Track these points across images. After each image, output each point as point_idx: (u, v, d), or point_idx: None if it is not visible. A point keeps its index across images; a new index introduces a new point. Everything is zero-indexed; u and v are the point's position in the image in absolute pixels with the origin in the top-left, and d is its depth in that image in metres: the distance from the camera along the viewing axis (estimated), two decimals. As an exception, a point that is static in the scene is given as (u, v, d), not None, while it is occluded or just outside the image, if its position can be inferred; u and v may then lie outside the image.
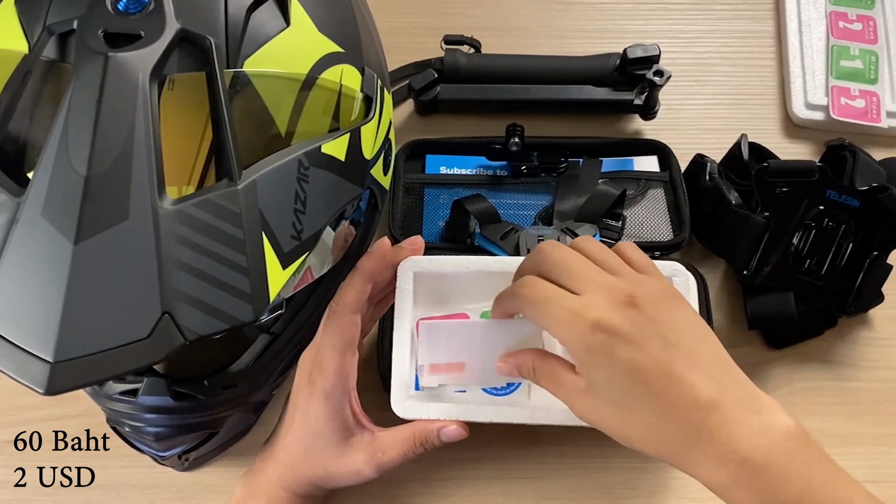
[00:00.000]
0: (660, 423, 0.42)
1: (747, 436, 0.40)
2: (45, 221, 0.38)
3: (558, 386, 0.46)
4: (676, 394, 0.41)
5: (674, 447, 0.42)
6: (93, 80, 0.40)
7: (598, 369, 0.43)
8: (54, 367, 0.37)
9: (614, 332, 0.42)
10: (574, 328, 0.43)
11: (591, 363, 0.43)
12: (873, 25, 0.79)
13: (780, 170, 0.63)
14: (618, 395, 0.43)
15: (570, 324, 0.43)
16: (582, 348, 0.43)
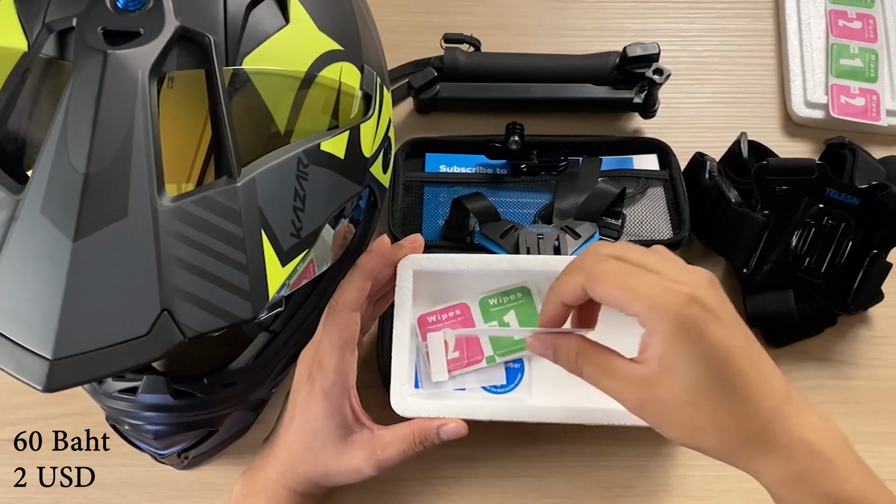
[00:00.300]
0: (738, 411, 0.40)
1: (815, 428, 0.40)
2: (44, 219, 0.38)
3: (611, 376, 0.43)
4: (757, 380, 0.40)
5: (744, 439, 0.40)
6: (92, 77, 0.40)
7: (688, 348, 0.40)
8: (53, 364, 0.37)
9: (708, 308, 0.40)
10: (666, 299, 0.40)
11: (682, 341, 0.40)
12: (873, 24, 0.79)
13: (779, 168, 0.63)
14: (700, 380, 0.40)
15: (661, 295, 0.40)
16: (673, 323, 0.40)
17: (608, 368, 0.43)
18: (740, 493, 0.61)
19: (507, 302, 0.54)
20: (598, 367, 0.44)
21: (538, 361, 0.54)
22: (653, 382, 0.41)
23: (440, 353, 0.53)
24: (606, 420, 0.52)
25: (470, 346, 0.54)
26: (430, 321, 0.54)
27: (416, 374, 0.54)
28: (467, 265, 0.54)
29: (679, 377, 0.40)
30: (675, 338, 0.40)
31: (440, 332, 0.54)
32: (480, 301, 0.54)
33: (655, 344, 0.41)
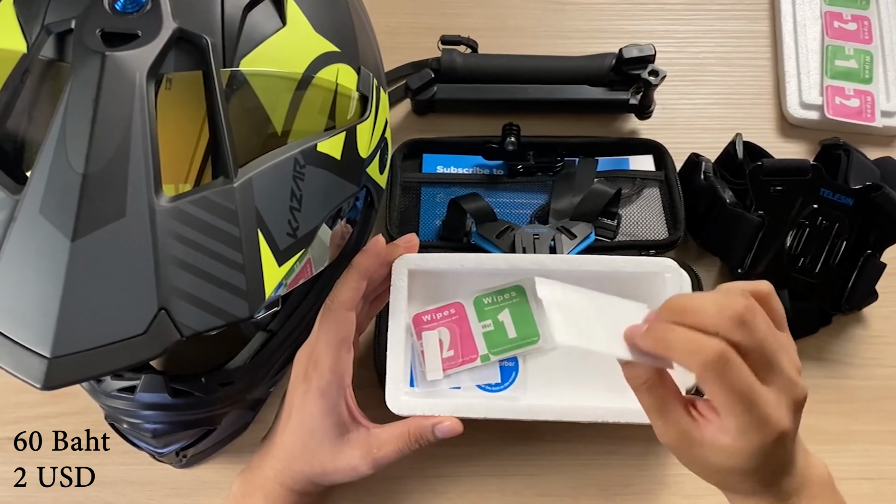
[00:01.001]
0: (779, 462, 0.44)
1: (816, 464, 0.46)
2: (42, 219, 0.39)
3: (663, 416, 0.44)
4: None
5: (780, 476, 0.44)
6: (90, 79, 0.40)
7: (756, 456, 0.42)
8: (51, 362, 0.38)
9: (791, 436, 0.43)
10: (760, 434, 0.41)
11: (755, 453, 0.42)
12: (868, 25, 0.79)
13: (774, 168, 0.64)
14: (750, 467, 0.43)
15: (759, 429, 0.41)
16: (758, 450, 0.42)
17: (668, 407, 0.44)
18: (735, 492, 0.62)
19: (501, 301, 0.55)
20: (660, 406, 0.44)
21: (532, 360, 0.54)
22: (703, 444, 0.43)
23: (435, 352, 0.54)
24: (600, 418, 0.52)
25: (464, 345, 0.54)
26: (425, 320, 0.54)
27: (411, 372, 0.54)
28: (462, 264, 0.54)
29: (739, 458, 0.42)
30: (753, 452, 0.42)
31: (435, 331, 0.54)
32: (475, 300, 0.55)
33: (728, 437, 0.42)
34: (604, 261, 0.54)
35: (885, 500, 0.63)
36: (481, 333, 0.54)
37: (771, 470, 0.43)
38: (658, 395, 0.44)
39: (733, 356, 0.40)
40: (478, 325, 0.54)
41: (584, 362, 0.54)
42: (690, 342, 0.40)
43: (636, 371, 0.44)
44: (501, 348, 0.54)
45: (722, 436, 0.42)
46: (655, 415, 0.44)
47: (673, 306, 0.42)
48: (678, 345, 0.40)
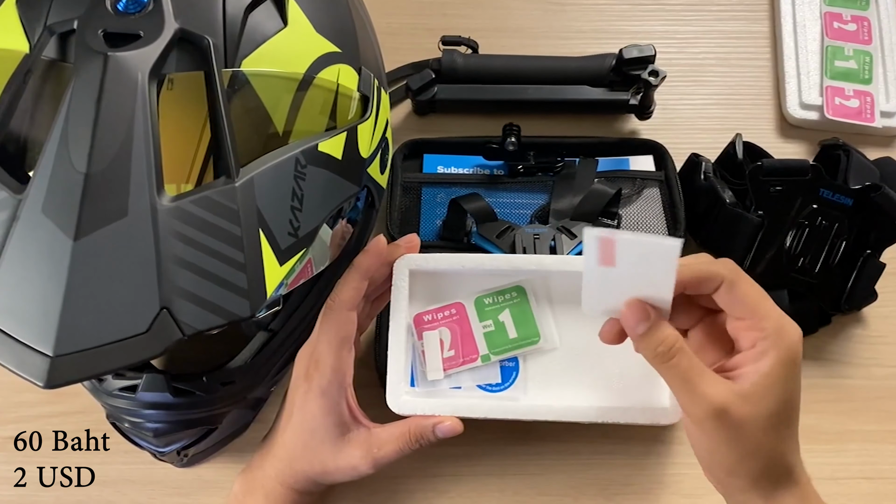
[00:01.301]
0: (787, 449, 0.45)
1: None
2: (45, 218, 0.39)
3: (700, 376, 0.43)
4: (796, 431, 0.46)
5: (779, 474, 0.45)
6: (93, 79, 0.40)
7: (786, 378, 0.43)
8: (54, 360, 0.38)
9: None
10: (790, 329, 0.44)
11: (785, 371, 0.43)
12: (867, 26, 0.80)
13: (773, 169, 0.64)
14: (780, 410, 0.43)
15: (788, 324, 0.44)
16: (788, 352, 0.43)
17: (699, 368, 0.44)
18: (734, 491, 0.62)
19: (502, 301, 0.55)
20: (691, 364, 0.44)
21: (533, 360, 0.55)
22: (742, 398, 0.43)
23: (436, 352, 0.54)
24: (600, 418, 0.52)
25: (465, 345, 0.54)
26: (425, 320, 0.55)
27: (412, 372, 0.54)
28: (463, 265, 0.54)
29: (768, 401, 0.43)
30: (783, 367, 0.43)
31: (436, 331, 0.54)
32: (476, 300, 0.55)
33: (763, 365, 0.43)
34: None
35: (884, 499, 0.63)
36: (482, 333, 0.54)
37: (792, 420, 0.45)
38: (689, 356, 0.44)
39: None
40: (478, 326, 0.55)
41: (584, 363, 0.54)
42: (705, 260, 0.45)
43: (658, 337, 0.44)
44: (502, 348, 0.54)
45: (762, 360, 0.43)
46: (695, 376, 0.44)
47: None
48: (698, 267, 0.45)
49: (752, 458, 0.44)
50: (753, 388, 0.43)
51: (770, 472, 0.44)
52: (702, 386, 0.43)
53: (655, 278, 0.43)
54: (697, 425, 0.44)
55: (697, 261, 0.46)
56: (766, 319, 0.44)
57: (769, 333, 0.43)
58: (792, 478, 0.45)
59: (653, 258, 0.42)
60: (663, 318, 0.45)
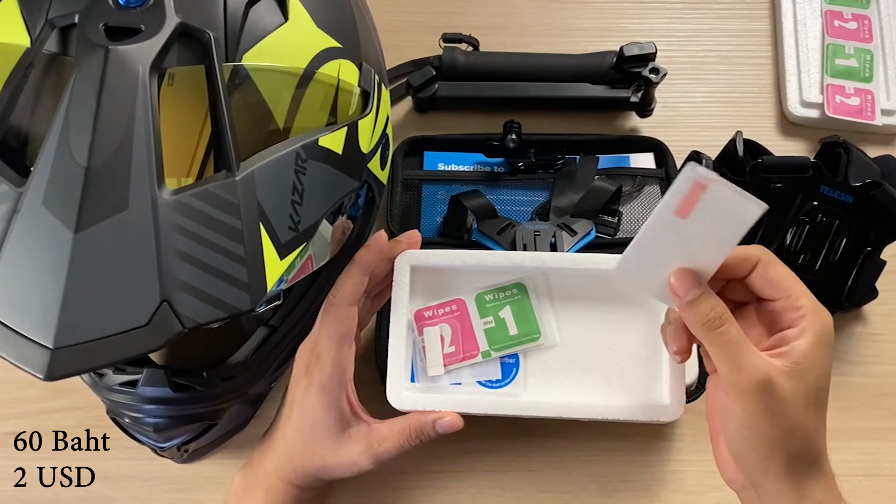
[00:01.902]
0: (816, 433, 0.45)
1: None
2: (46, 211, 0.39)
3: (746, 350, 0.43)
4: (824, 415, 0.46)
5: (809, 460, 0.45)
6: (94, 72, 0.40)
7: (823, 357, 0.44)
8: (54, 353, 0.38)
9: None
10: (826, 313, 0.45)
11: (822, 350, 0.44)
12: (868, 24, 0.80)
13: (774, 166, 0.64)
14: (816, 390, 0.44)
15: (822, 308, 0.45)
16: (825, 330, 0.44)
17: (747, 341, 0.44)
18: (734, 489, 0.62)
19: (502, 298, 0.55)
20: (740, 335, 0.44)
21: (533, 357, 0.54)
22: (785, 374, 0.43)
23: (436, 348, 0.54)
24: (600, 415, 0.52)
25: (466, 341, 0.54)
26: (426, 316, 0.55)
27: (412, 368, 0.54)
28: (464, 261, 0.54)
29: (808, 379, 0.44)
30: (820, 344, 0.44)
31: (437, 327, 0.54)
32: (476, 297, 0.55)
33: (802, 343, 0.44)
34: (606, 259, 0.53)
35: (885, 497, 0.63)
36: (482, 330, 0.54)
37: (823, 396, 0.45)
38: (737, 328, 0.44)
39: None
40: (479, 322, 0.54)
41: (584, 360, 0.54)
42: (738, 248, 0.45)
43: (710, 302, 0.44)
44: (502, 345, 0.54)
45: (802, 338, 0.44)
46: (742, 348, 0.44)
47: None
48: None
49: (792, 437, 0.44)
50: (796, 364, 0.43)
51: (804, 455, 0.45)
52: (750, 356, 0.43)
53: (716, 242, 0.43)
54: (741, 397, 0.44)
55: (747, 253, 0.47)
56: (803, 298, 0.44)
57: (808, 312, 0.44)
58: (820, 467, 0.45)
59: (730, 217, 0.42)
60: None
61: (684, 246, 0.44)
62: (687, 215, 0.43)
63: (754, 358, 0.43)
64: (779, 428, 0.44)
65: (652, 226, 0.44)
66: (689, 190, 0.42)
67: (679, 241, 0.44)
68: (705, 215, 0.42)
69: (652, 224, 0.44)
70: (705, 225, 0.43)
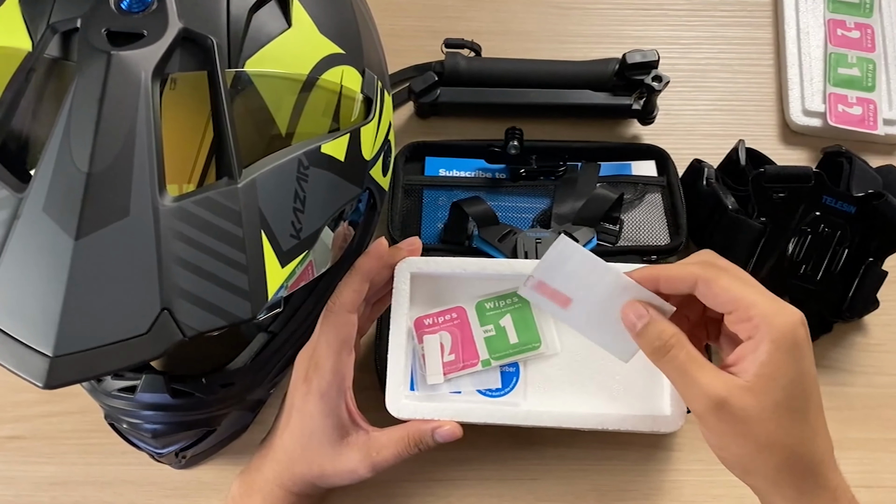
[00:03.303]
0: (806, 441, 0.42)
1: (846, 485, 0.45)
2: (46, 217, 0.39)
3: (699, 369, 0.43)
4: (821, 418, 0.44)
5: (801, 471, 0.43)
6: (95, 77, 0.40)
7: (790, 365, 0.41)
8: (53, 361, 0.38)
9: (807, 337, 0.42)
10: (783, 315, 0.42)
11: (787, 357, 0.41)
12: (871, 33, 0.80)
13: (776, 175, 0.64)
14: (789, 400, 0.42)
15: (779, 311, 0.42)
16: (785, 339, 0.41)
17: (699, 362, 0.43)
18: (732, 499, 0.62)
19: (503, 306, 0.54)
20: (689, 357, 0.43)
21: (534, 365, 0.54)
22: (743, 390, 0.42)
23: (436, 356, 0.54)
24: (600, 425, 0.52)
25: (466, 349, 0.54)
26: (426, 324, 0.54)
27: (411, 376, 0.54)
28: (464, 268, 0.54)
29: (773, 391, 0.41)
30: (782, 352, 0.41)
31: (436, 335, 0.54)
32: (477, 305, 0.55)
33: (760, 354, 0.42)
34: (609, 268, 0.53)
35: (884, 508, 0.63)
36: (483, 338, 0.54)
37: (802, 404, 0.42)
38: (688, 350, 0.43)
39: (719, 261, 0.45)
40: (479, 330, 0.54)
41: (585, 369, 0.54)
42: (677, 265, 0.45)
43: (657, 328, 0.44)
44: (503, 353, 0.54)
45: (758, 349, 0.42)
46: (694, 369, 0.43)
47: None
48: (668, 269, 0.45)
49: (766, 453, 0.42)
50: (755, 378, 0.41)
51: (793, 468, 0.42)
52: (700, 378, 0.42)
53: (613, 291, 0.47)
54: (701, 421, 0.43)
55: (663, 268, 0.46)
56: (753, 308, 0.42)
57: (759, 321, 0.42)
58: (818, 478, 0.43)
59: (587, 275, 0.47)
60: (662, 315, 0.45)
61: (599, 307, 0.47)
62: (568, 304, 0.47)
63: (706, 379, 0.42)
64: (749, 446, 0.42)
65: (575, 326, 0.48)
66: (544, 295, 0.48)
67: (588, 315, 0.47)
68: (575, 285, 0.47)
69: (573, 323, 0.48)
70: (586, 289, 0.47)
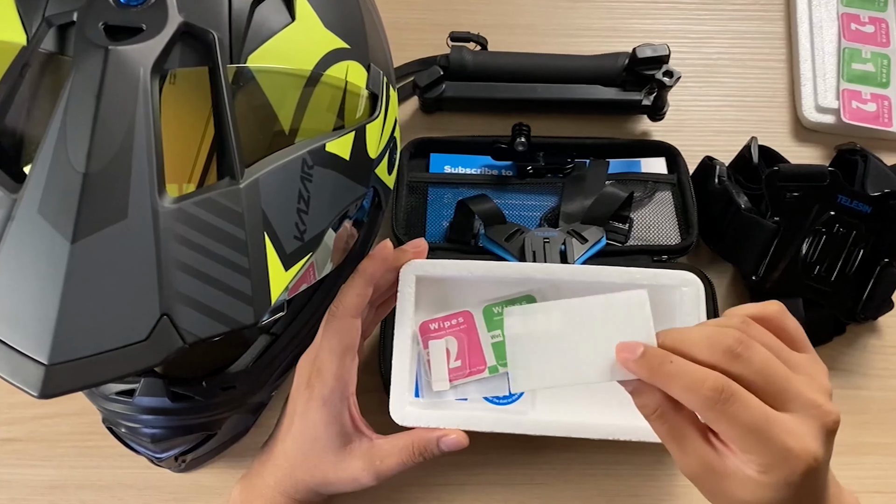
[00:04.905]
0: None
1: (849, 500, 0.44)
2: (41, 219, 0.37)
3: (681, 447, 0.41)
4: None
5: None
6: (92, 73, 0.39)
7: (784, 489, 0.39)
8: (49, 369, 0.36)
9: (822, 466, 0.40)
10: (786, 467, 0.38)
11: (783, 486, 0.39)
12: (885, 28, 0.78)
13: (791, 174, 0.63)
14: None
15: (783, 462, 0.38)
16: (785, 484, 0.39)
17: (684, 436, 0.41)
18: (746, 505, 0.60)
19: (512, 310, 0.53)
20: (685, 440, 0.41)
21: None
22: (727, 476, 0.40)
23: (441, 362, 0.52)
24: (610, 435, 0.50)
25: (472, 355, 0.52)
26: (432, 328, 0.53)
27: (416, 382, 0.53)
28: (471, 272, 0.52)
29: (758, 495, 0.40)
30: (780, 483, 0.39)
31: (442, 340, 0.53)
32: (484, 309, 0.53)
33: (751, 470, 0.39)
34: (619, 272, 0.52)
35: (899, 514, 0.62)
36: (490, 344, 0.53)
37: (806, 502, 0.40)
38: (673, 423, 0.41)
39: (736, 388, 0.38)
40: (486, 335, 0.53)
41: None
42: (688, 376, 0.39)
43: (645, 399, 0.42)
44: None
45: (745, 468, 0.40)
46: (673, 444, 0.42)
47: (665, 342, 0.41)
48: (677, 380, 0.39)
49: None
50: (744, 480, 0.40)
51: None
52: (686, 453, 0.42)
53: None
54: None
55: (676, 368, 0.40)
56: (763, 457, 0.39)
57: (764, 467, 0.39)
58: None
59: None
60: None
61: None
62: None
63: (697, 448, 0.41)
64: None
65: None
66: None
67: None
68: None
69: None
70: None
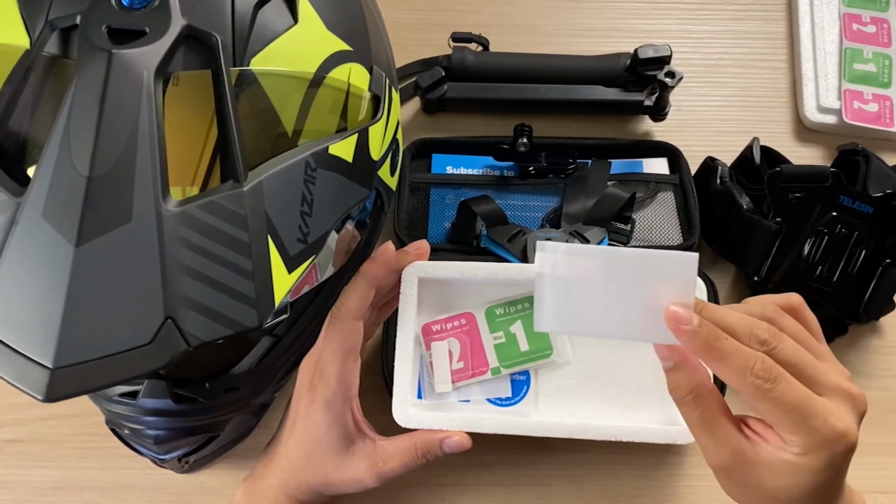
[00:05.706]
0: None
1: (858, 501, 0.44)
2: (45, 223, 0.37)
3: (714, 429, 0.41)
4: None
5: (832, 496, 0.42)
6: (96, 77, 0.39)
7: (825, 471, 0.40)
8: (54, 373, 0.36)
9: (852, 450, 0.40)
10: (830, 446, 0.39)
11: (824, 467, 0.39)
12: (887, 28, 0.78)
13: (793, 175, 0.63)
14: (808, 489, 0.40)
15: (827, 441, 0.39)
16: (827, 464, 0.39)
17: (717, 423, 0.41)
18: (748, 505, 0.60)
19: (514, 312, 0.53)
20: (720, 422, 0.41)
21: (545, 374, 0.53)
22: (759, 464, 0.41)
23: (444, 363, 0.52)
24: (613, 437, 0.51)
25: (475, 357, 0.53)
26: (434, 330, 0.53)
27: (419, 384, 0.53)
28: (474, 273, 0.53)
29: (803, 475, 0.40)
30: (820, 466, 0.40)
31: (445, 341, 0.53)
32: (487, 310, 0.53)
33: (792, 453, 0.40)
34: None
35: (901, 514, 0.62)
36: (492, 345, 0.53)
37: (834, 489, 0.41)
38: (706, 407, 0.41)
39: (781, 370, 0.39)
40: (489, 337, 0.53)
41: (597, 378, 0.53)
42: (741, 355, 0.39)
43: (684, 378, 0.41)
44: (513, 361, 0.52)
45: (784, 453, 0.40)
46: (703, 431, 0.42)
47: (710, 317, 0.40)
48: (732, 358, 0.39)
49: None
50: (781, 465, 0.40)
51: None
52: (718, 441, 0.41)
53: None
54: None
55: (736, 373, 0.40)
56: (806, 437, 0.39)
57: (803, 447, 0.40)
58: None
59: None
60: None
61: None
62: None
63: (730, 436, 0.41)
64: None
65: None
66: None
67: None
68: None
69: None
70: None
